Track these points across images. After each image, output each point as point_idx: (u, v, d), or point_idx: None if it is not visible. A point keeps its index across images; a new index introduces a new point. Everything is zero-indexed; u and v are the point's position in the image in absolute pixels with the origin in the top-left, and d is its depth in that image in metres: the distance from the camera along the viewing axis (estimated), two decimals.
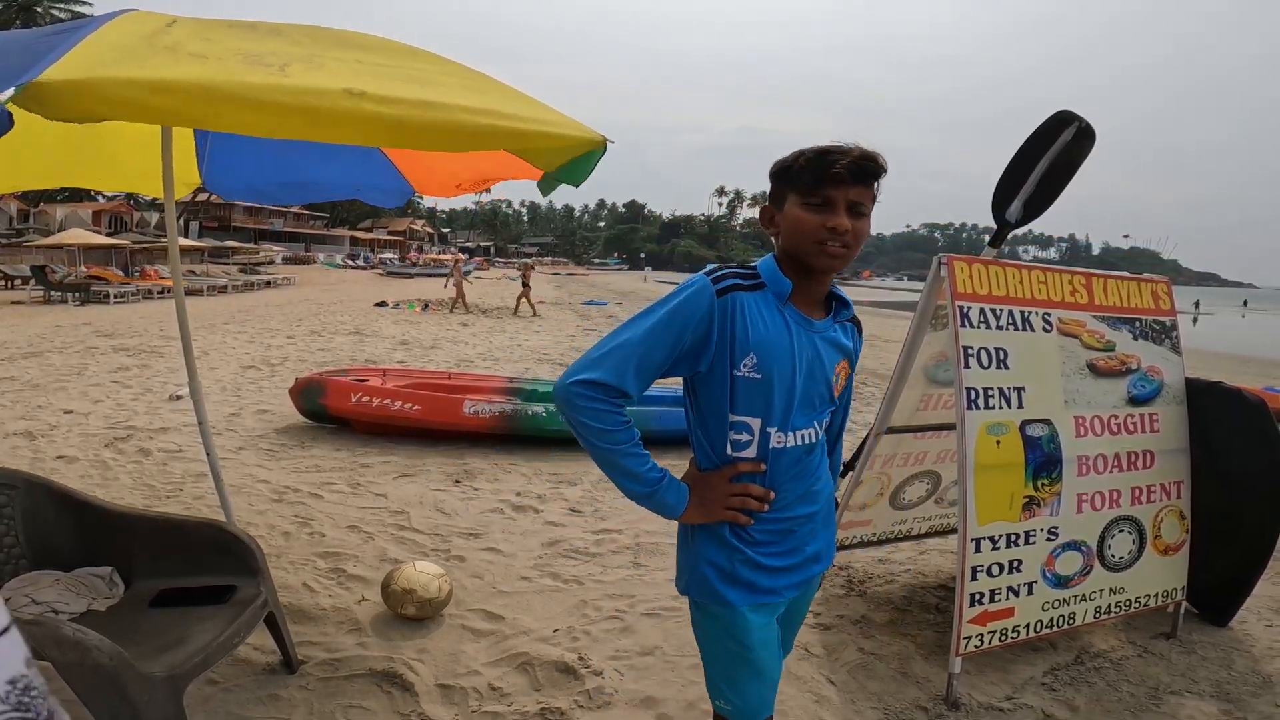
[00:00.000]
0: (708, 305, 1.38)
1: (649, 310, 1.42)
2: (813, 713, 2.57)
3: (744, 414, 1.43)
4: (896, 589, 3.62)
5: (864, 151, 1.36)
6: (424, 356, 11.05)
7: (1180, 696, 2.76)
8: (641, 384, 1.39)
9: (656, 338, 1.38)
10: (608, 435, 1.38)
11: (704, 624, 1.55)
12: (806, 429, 1.48)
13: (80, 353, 10.12)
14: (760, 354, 1.39)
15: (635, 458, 1.41)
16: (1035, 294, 2.86)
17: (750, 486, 1.45)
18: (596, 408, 1.36)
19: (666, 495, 1.43)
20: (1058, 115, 2.79)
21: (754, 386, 1.40)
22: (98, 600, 2.43)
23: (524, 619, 3.15)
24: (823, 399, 1.50)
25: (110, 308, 18.33)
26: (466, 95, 1.85)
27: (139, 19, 1.84)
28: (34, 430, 5.93)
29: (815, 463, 1.55)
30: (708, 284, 1.39)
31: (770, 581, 1.51)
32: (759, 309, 1.41)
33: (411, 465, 5.41)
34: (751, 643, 1.50)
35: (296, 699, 2.51)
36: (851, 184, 1.35)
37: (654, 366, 1.39)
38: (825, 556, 1.62)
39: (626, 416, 1.41)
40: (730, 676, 1.54)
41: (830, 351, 1.49)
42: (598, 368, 1.36)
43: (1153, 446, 3.06)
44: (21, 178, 3.28)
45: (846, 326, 1.55)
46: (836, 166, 1.33)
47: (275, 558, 3.63)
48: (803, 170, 1.37)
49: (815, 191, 1.36)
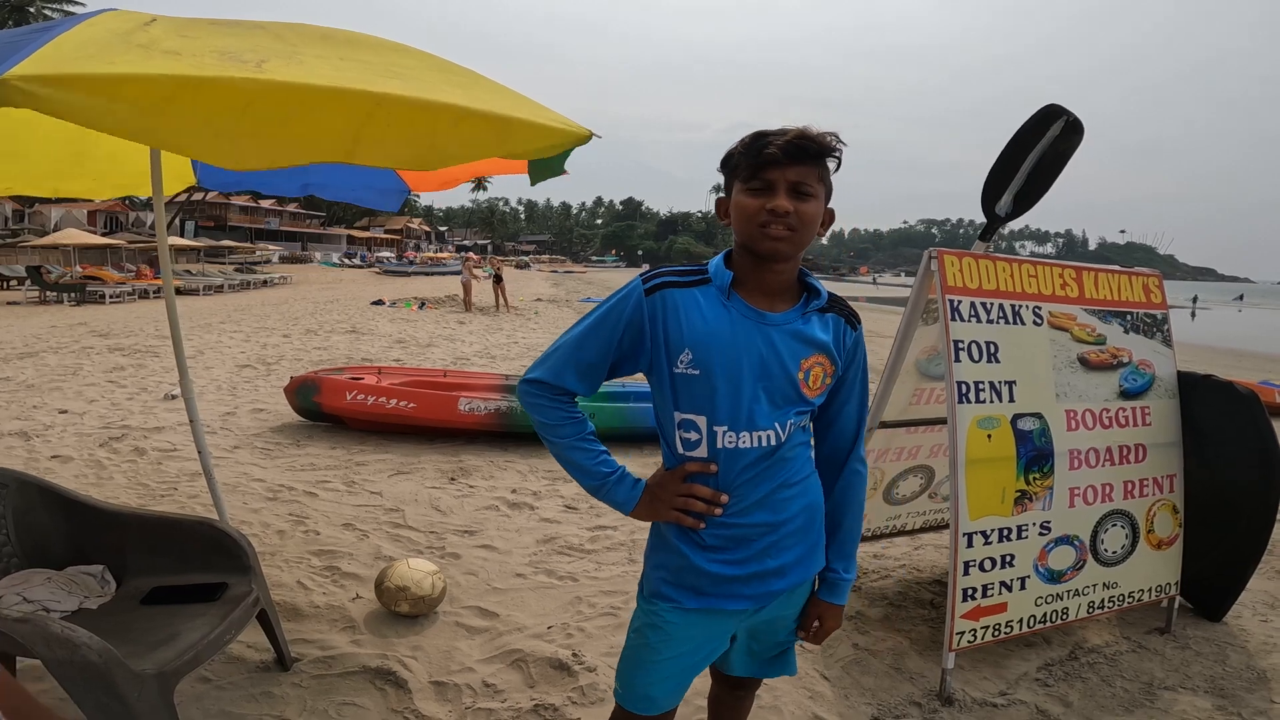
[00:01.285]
0: (634, 305, 1.40)
1: (590, 312, 1.46)
2: (807, 708, 2.57)
3: (688, 411, 1.41)
4: (890, 584, 3.62)
5: (801, 131, 1.33)
6: (420, 355, 11.04)
7: (1174, 691, 2.76)
8: (584, 382, 1.44)
9: (588, 339, 1.43)
10: (553, 429, 1.46)
11: (637, 608, 1.58)
12: (766, 429, 1.39)
13: (75, 353, 10.10)
14: (696, 349, 1.37)
15: (583, 452, 1.46)
16: (1025, 288, 2.87)
17: (696, 488, 1.42)
18: (540, 404, 1.45)
19: (616, 491, 1.46)
20: (1045, 109, 2.79)
21: (693, 382, 1.39)
22: (89, 598, 2.42)
23: (518, 616, 3.15)
24: (787, 397, 1.40)
25: (105, 307, 18.31)
26: (450, 90, 1.84)
27: (118, 17, 1.83)
28: (29, 430, 5.92)
29: (785, 469, 1.44)
30: (637, 285, 1.42)
31: (716, 588, 1.46)
32: (696, 303, 1.39)
33: (407, 463, 5.41)
34: (662, 641, 1.50)
35: (290, 696, 2.50)
36: (789, 164, 1.32)
37: (591, 365, 1.43)
38: (794, 572, 1.49)
39: (575, 413, 1.46)
40: (629, 662, 1.56)
41: (793, 344, 1.40)
42: (540, 367, 1.46)
43: (1145, 440, 3.06)
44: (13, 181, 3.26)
45: (825, 318, 1.45)
46: (771, 147, 1.32)
47: (270, 556, 3.63)
48: (741, 156, 1.37)
49: (754, 175, 1.35)
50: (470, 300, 20.47)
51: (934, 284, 2.74)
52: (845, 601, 1.61)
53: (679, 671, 1.54)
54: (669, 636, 1.49)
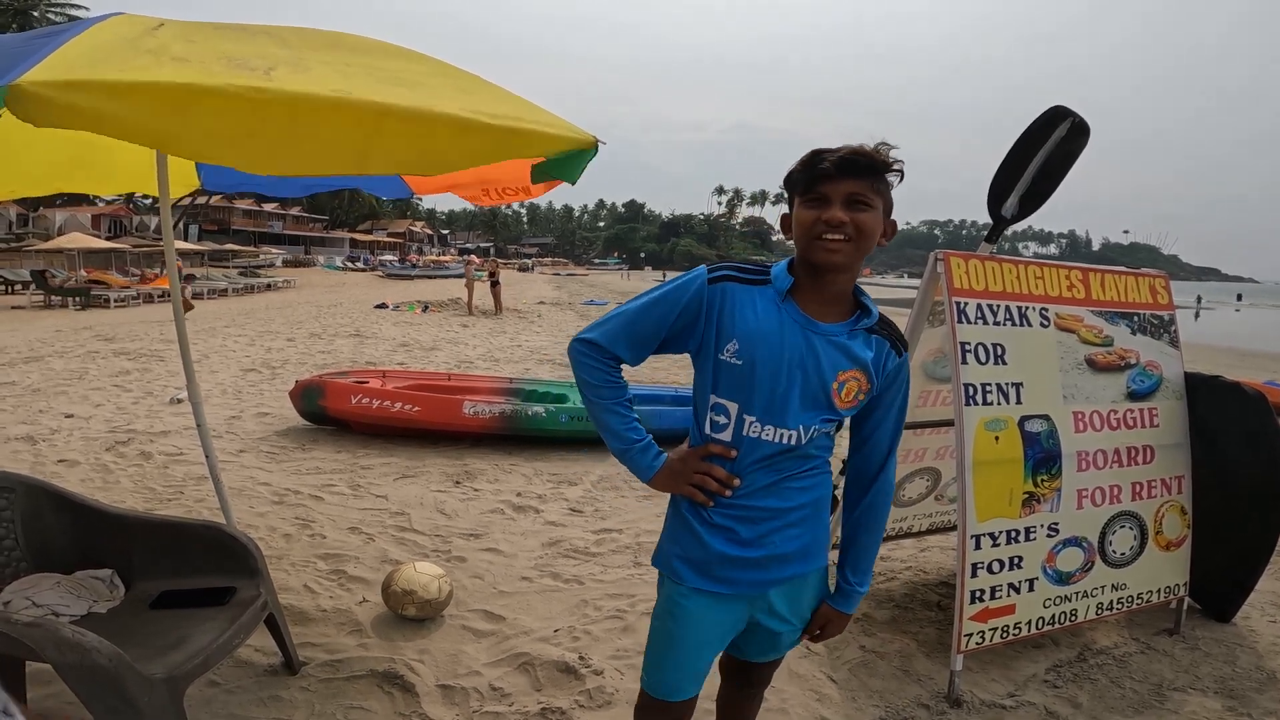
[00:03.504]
0: (697, 290, 1.49)
1: (652, 289, 1.55)
2: (814, 711, 2.57)
3: (724, 397, 1.50)
4: (897, 586, 3.62)
5: (853, 148, 1.41)
6: (424, 358, 11.05)
7: (1184, 693, 2.76)
8: (633, 351, 1.54)
9: (647, 313, 1.52)
10: (595, 389, 1.55)
11: (658, 599, 1.65)
12: (791, 429, 1.47)
13: (81, 357, 10.13)
14: (743, 341, 1.46)
15: (618, 416, 1.56)
16: (1032, 289, 2.86)
17: (714, 468, 1.52)
18: (589, 363, 1.54)
19: (640, 457, 1.56)
20: (1051, 111, 2.79)
21: (735, 372, 1.47)
22: (98, 602, 2.43)
23: (524, 619, 3.15)
24: (817, 403, 1.47)
25: (110, 311, 18.35)
26: (455, 96, 1.84)
27: (127, 22, 1.83)
28: (35, 435, 5.94)
29: (796, 466, 1.52)
30: (703, 272, 1.52)
31: (724, 572, 1.54)
32: (752, 301, 1.48)
33: (412, 466, 5.42)
34: (682, 626, 1.58)
35: (298, 700, 2.51)
36: (841, 178, 1.40)
37: (644, 338, 1.53)
38: (796, 563, 1.58)
39: (618, 378, 1.56)
40: (654, 647, 1.64)
41: (834, 355, 1.47)
42: (596, 329, 1.55)
43: (1152, 441, 3.06)
44: (18, 184, 3.27)
45: (871, 339, 1.51)
46: (825, 163, 1.41)
47: (276, 560, 3.63)
48: (800, 173, 1.46)
49: (810, 190, 1.43)
50: (473, 303, 20.52)
51: (940, 286, 2.73)
52: (854, 611, 1.71)
53: (696, 656, 1.61)
54: (685, 621, 1.58)
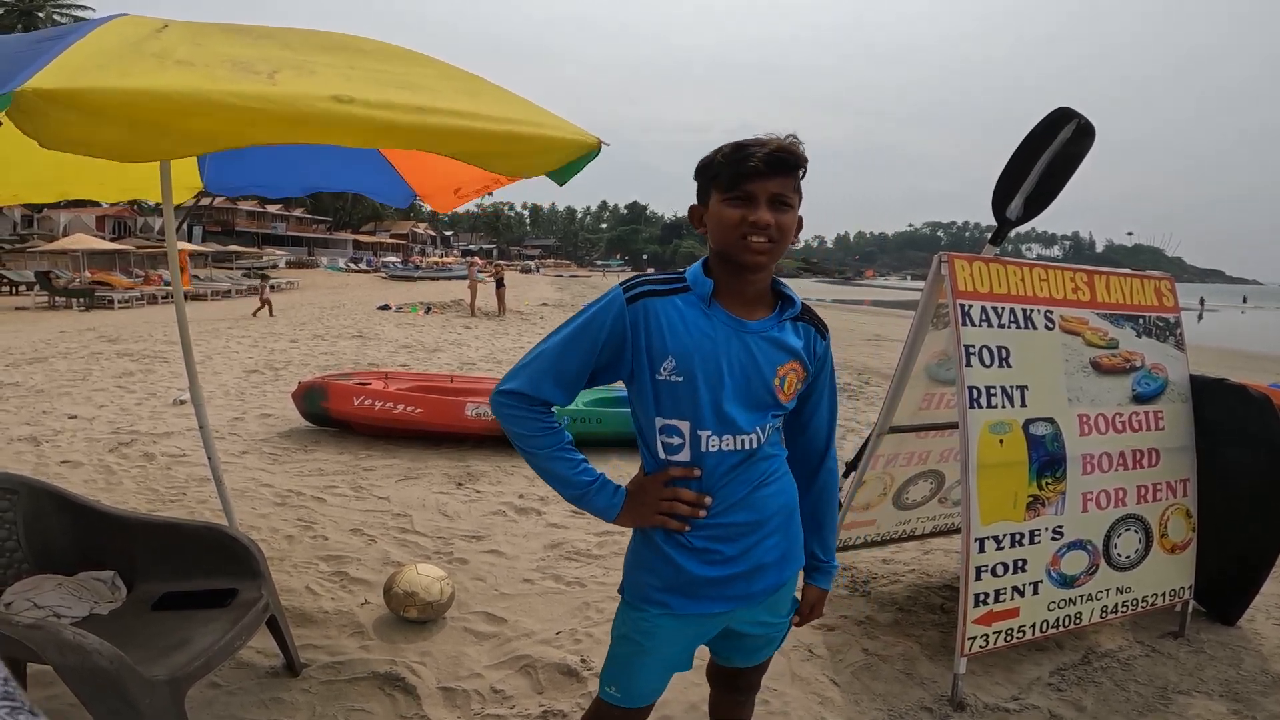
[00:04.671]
0: (616, 314, 1.40)
1: (568, 321, 1.45)
2: (816, 714, 2.56)
3: (672, 417, 1.43)
4: (901, 589, 3.60)
5: (781, 143, 1.35)
6: (427, 360, 11.06)
7: (1189, 696, 2.74)
8: (563, 392, 1.43)
9: (569, 349, 1.42)
10: (530, 440, 1.45)
11: (623, 617, 1.58)
12: (746, 434, 1.43)
13: (84, 358, 10.14)
14: (679, 357, 1.39)
15: (563, 461, 1.45)
16: (1037, 292, 2.85)
17: (680, 491, 1.44)
18: (517, 414, 1.43)
19: (597, 499, 1.47)
20: (1057, 112, 2.78)
21: (677, 389, 1.40)
22: (100, 604, 2.42)
23: (526, 621, 3.14)
24: (763, 402, 1.44)
25: (114, 312, 18.40)
26: (458, 99, 1.84)
27: (131, 24, 1.83)
28: (38, 435, 5.95)
29: (762, 470, 1.48)
30: (618, 294, 1.42)
31: (705, 591, 1.48)
32: (678, 312, 1.41)
33: (414, 468, 5.41)
34: (656, 644, 1.53)
35: (299, 702, 2.50)
36: (770, 176, 1.34)
37: (571, 375, 1.43)
38: (775, 572, 1.53)
39: (551, 423, 1.45)
40: (629, 667, 1.56)
41: (770, 351, 1.43)
42: (516, 378, 1.44)
43: (1157, 444, 3.04)
44: (22, 188, 3.27)
45: (798, 326, 1.49)
46: (753, 160, 1.33)
47: (278, 561, 3.63)
48: (722, 166, 1.37)
49: (736, 187, 1.35)
50: (475, 305, 20.54)
51: (944, 288, 2.72)
52: (830, 587, 1.73)
53: (674, 663, 1.58)
54: (660, 639, 1.52)
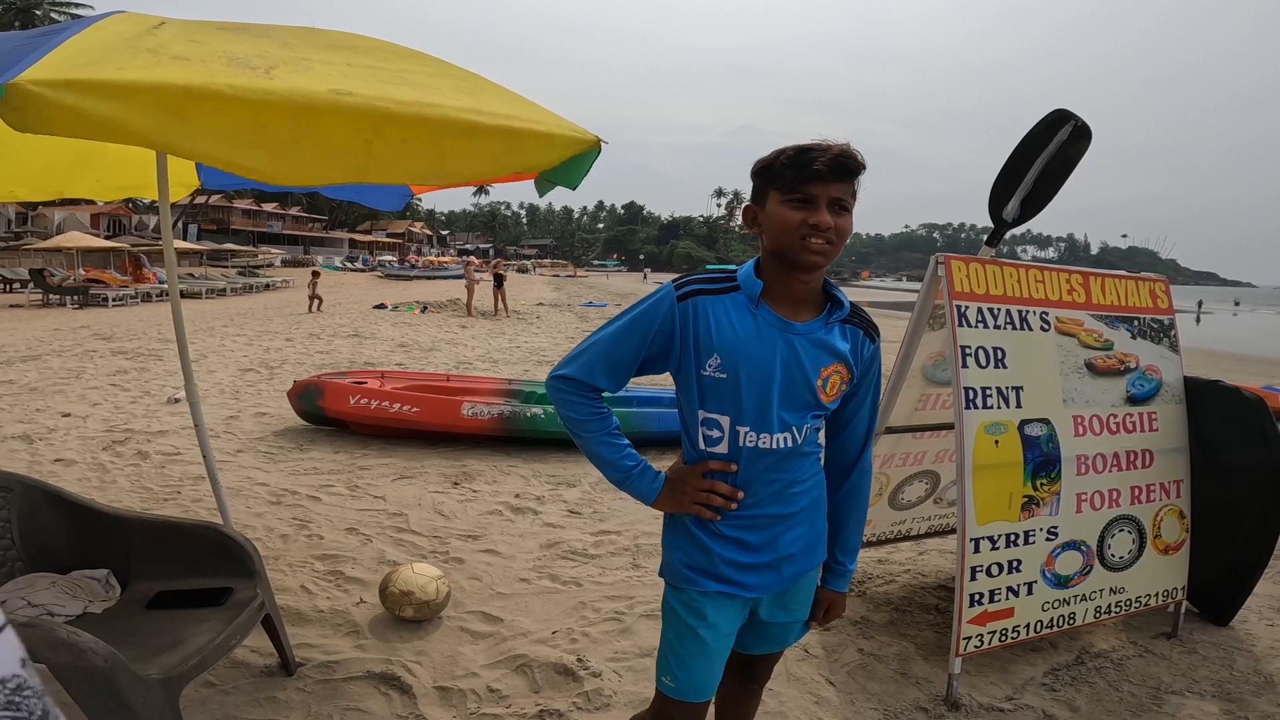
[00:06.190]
0: (667, 311, 1.47)
1: (622, 313, 1.52)
2: (812, 714, 2.56)
3: (714, 411, 1.49)
4: (896, 589, 3.61)
5: (843, 149, 1.39)
6: (423, 359, 11.04)
7: (1181, 696, 2.75)
8: (613, 380, 1.52)
9: (620, 340, 1.50)
10: (582, 424, 1.53)
11: (669, 602, 1.62)
12: (784, 433, 1.47)
13: (78, 356, 10.11)
14: (725, 354, 1.44)
15: (609, 446, 1.54)
16: (1033, 293, 2.86)
17: (717, 484, 1.50)
18: (570, 399, 1.52)
19: (639, 483, 1.55)
20: (1054, 114, 2.79)
21: (721, 385, 1.46)
22: (94, 602, 2.42)
23: (522, 621, 3.14)
24: (805, 403, 1.48)
25: (108, 310, 18.33)
26: (457, 96, 1.84)
27: (128, 20, 1.83)
28: (32, 434, 5.92)
29: (798, 467, 1.53)
30: (670, 291, 1.48)
31: (736, 575, 1.54)
32: (726, 311, 1.46)
33: (410, 467, 5.41)
34: (705, 625, 1.56)
35: (294, 701, 2.50)
36: (832, 181, 1.37)
37: (622, 365, 1.50)
38: (803, 559, 1.59)
39: (601, 408, 1.54)
40: (680, 654, 1.59)
41: (815, 353, 1.47)
42: (571, 364, 1.52)
43: (1152, 445, 3.05)
44: (17, 186, 3.25)
45: (846, 329, 1.52)
46: (817, 163, 1.36)
47: (273, 560, 3.62)
48: (784, 168, 1.40)
49: (797, 189, 1.39)
50: (472, 304, 20.52)
51: (941, 289, 2.73)
52: (846, 589, 1.75)
53: (722, 651, 1.60)
54: (710, 620, 1.56)
